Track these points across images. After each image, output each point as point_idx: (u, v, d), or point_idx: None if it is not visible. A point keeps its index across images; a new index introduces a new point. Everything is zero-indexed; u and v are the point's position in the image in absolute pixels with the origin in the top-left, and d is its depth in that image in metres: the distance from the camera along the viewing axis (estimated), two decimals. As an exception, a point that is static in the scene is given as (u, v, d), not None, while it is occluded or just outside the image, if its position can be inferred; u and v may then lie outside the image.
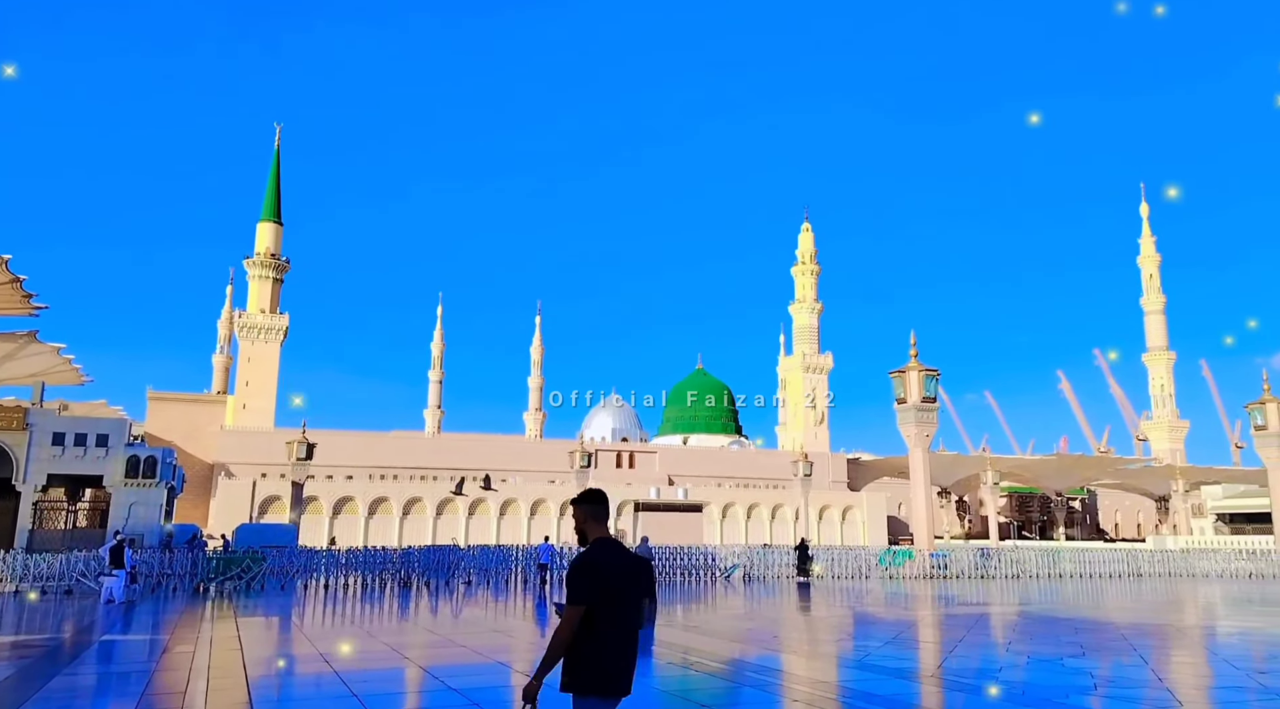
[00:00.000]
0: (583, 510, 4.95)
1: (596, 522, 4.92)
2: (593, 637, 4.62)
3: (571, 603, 4.63)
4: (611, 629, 4.65)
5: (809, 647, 16.80)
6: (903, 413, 42.31)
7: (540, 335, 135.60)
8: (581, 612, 4.59)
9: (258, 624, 20.13)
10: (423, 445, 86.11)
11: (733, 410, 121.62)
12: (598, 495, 5.00)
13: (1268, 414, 47.12)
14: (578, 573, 4.68)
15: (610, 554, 4.78)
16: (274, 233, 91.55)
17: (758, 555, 37.00)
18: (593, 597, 4.62)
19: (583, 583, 4.64)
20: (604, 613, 4.63)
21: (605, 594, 4.64)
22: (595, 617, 4.62)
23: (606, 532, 4.94)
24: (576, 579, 4.67)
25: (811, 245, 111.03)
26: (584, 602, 4.61)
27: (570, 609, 4.61)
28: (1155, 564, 41.06)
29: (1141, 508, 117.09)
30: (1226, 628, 20.65)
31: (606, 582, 4.66)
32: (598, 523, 4.92)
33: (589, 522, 4.92)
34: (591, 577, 4.65)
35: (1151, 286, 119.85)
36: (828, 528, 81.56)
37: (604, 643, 4.63)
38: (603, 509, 4.97)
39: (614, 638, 4.66)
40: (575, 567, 4.73)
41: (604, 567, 4.70)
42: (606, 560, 4.73)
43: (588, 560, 4.72)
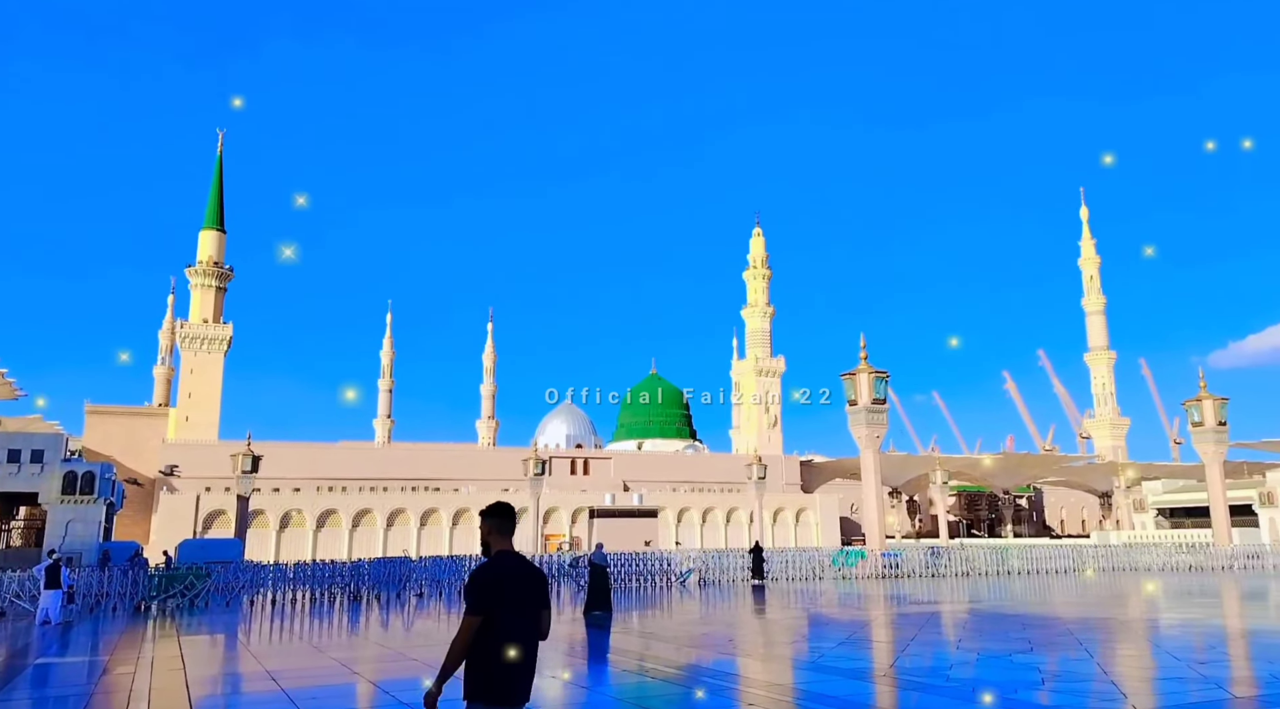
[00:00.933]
0: (488, 523, 5.08)
1: (501, 535, 5.06)
2: (491, 647, 4.72)
3: (469, 613, 4.74)
4: (509, 639, 4.74)
5: (764, 650, 16.83)
6: (853, 414, 42.75)
7: (492, 342, 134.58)
8: (478, 621, 4.70)
9: (202, 643, 19.58)
10: (372, 456, 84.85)
11: (687, 415, 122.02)
12: (504, 509, 5.13)
13: (1204, 411, 48.53)
14: (475, 583, 4.81)
15: (509, 566, 4.91)
16: (217, 241, 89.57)
17: (713, 560, 37.05)
18: (489, 607, 4.73)
19: (480, 593, 4.76)
20: (501, 623, 4.73)
21: (502, 605, 4.76)
22: (493, 627, 4.72)
23: (510, 544, 5.07)
24: (474, 590, 4.79)
25: (763, 250, 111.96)
26: (481, 612, 4.72)
27: (467, 619, 4.72)
28: (1099, 559, 42.00)
29: (1086, 504, 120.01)
30: (1168, 620, 21.18)
31: (503, 592, 4.78)
32: (502, 536, 5.05)
33: (493, 534, 5.06)
34: (488, 587, 4.78)
35: (1092, 288, 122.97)
36: (782, 530, 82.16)
37: (502, 653, 4.73)
38: (508, 522, 5.09)
39: (512, 648, 4.76)
40: (473, 577, 4.85)
41: (502, 578, 4.83)
42: (505, 572, 4.87)
43: (486, 571, 4.86)
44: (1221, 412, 48.53)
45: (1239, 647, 15.92)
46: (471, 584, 4.83)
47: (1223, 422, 48.44)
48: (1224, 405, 48.72)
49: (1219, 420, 48.30)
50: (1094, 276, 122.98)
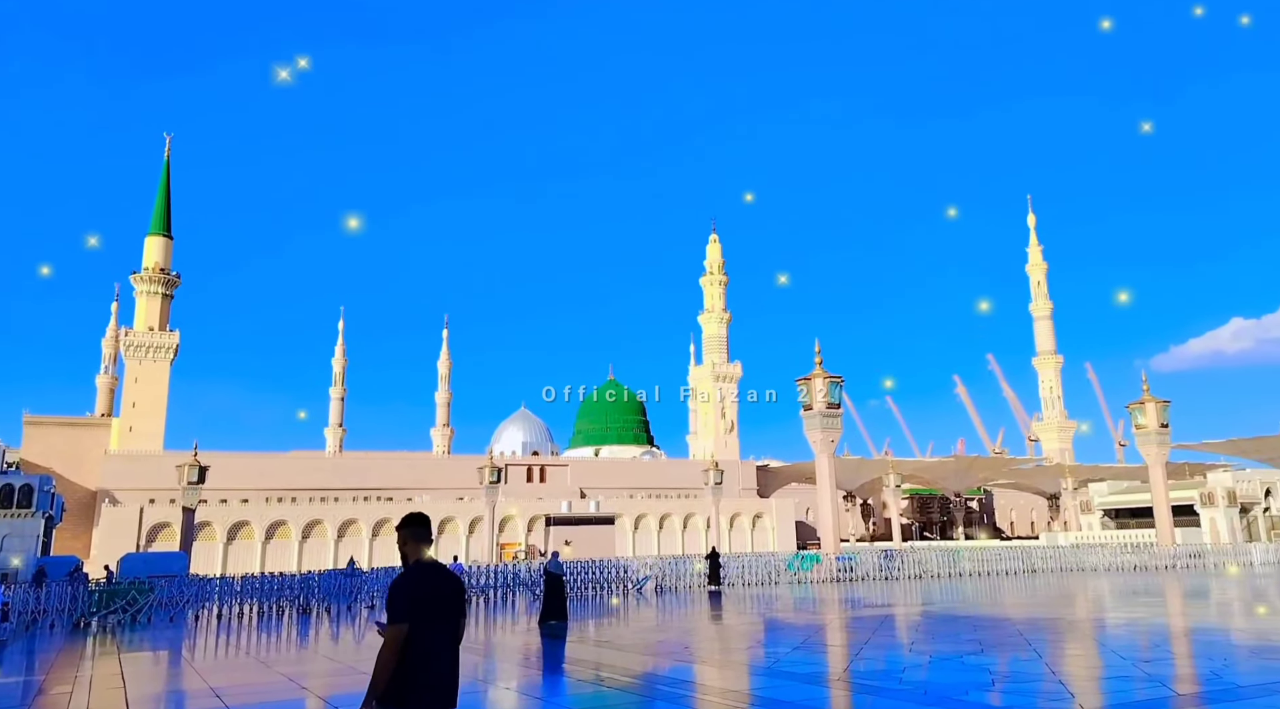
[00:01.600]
0: (404, 534, 5.16)
1: (418, 543, 5.15)
2: (412, 655, 4.78)
3: (393, 623, 4.79)
4: (431, 647, 4.83)
5: (720, 656, 16.80)
6: (809, 419, 43.06)
7: (448, 349, 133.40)
8: (404, 631, 4.76)
9: (144, 660, 18.98)
10: (323, 465, 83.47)
11: (644, 421, 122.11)
12: (419, 519, 5.22)
13: (1147, 414, 49.76)
14: (397, 593, 4.87)
15: (429, 575, 5.01)
16: (164, 247, 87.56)
17: (669, 566, 37.00)
18: (412, 616, 4.79)
19: (402, 603, 4.83)
20: (423, 631, 4.81)
21: (424, 613, 4.83)
22: (415, 635, 4.79)
23: (428, 553, 5.19)
24: (396, 599, 4.85)
25: (719, 256, 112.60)
26: (406, 620, 4.78)
27: (392, 629, 4.77)
28: (1048, 560, 42.77)
29: (1035, 506, 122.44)
30: (1114, 620, 21.59)
31: (425, 601, 4.87)
32: (419, 545, 5.14)
33: (410, 544, 5.14)
34: (410, 596, 4.85)
35: (1039, 293, 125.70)
36: (738, 535, 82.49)
37: (425, 661, 4.80)
38: (424, 531, 5.17)
39: (434, 655, 4.85)
40: (394, 587, 4.92)
41: (422, 587, 4.92)
42: (425, 581, 4.96)
43: (406, 582, 4.93)
44: (1164, 414, 49.78)
45: (1182, 645, 16.27)
46: (394, 593, 4.88)
47: (1165, 424, 49.70)
48: (1166, 408, 49.99)
49: (1161, 423, 49.54)
50: (1041, 282, 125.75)
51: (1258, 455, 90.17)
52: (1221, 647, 15.79)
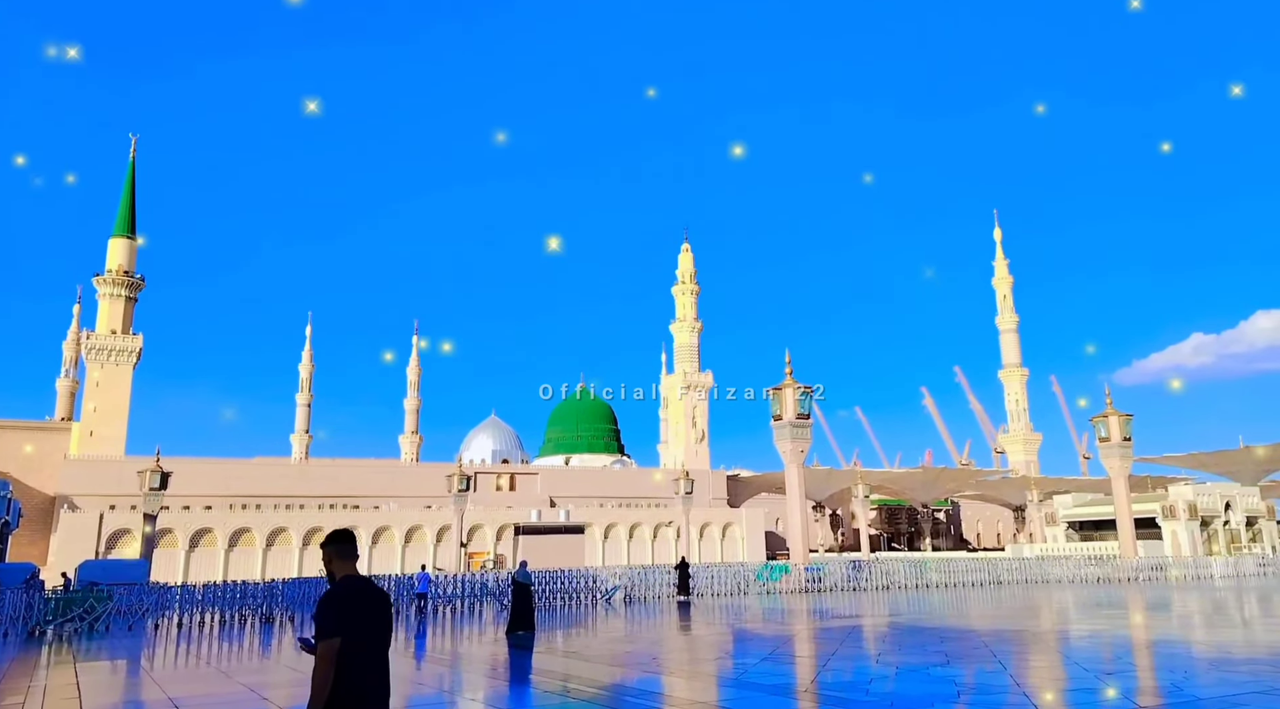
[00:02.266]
0: (328, 551, 5.25)
1: (343, 559, 5.22)
2: (345, 669, 4.85)
3: (323, 638, 4.85)
4: (362, 660, 4.91)
5: (688, 667, 16.74)
6: (779, 429, 43.21)
7: (417, 356, 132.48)
8: (337, 645, 4.82)
9: (101, 669, 18.57)
10: (289, 472, 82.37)
11: (615, 429, 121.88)
12: (343, 535, 5.30)
13: (1110, 427, 50.47)
14: (326, 608, 4.93)
15: (355, 589, 5.09)
16: (128, 248, 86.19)
17: (638, 576, 36.88)
18: (342, 630, 4.86)
19: (332, 617, 4.89)
20: (354, 645, 4.88)
21: (353, 627, 4.91)
22: (345, 649, 4.86)
23: (354, 569, 5.26)
24: (326, 614, 4.91)
25: (691, 265, 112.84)
26: (337, 634, 4.85)
27: (324, 644, 4.83)
28: (1014, 572, 43.18)
29: (1001, 518, 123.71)
30: (1078, 631, 21.82)
31: (353, 615, 4.95)
32: (344, 561, 5.22)
33: (335, 560, 5.21)
34: (340, 612, 4.92)
35: (1005, 306, 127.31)
36: (708, 545, 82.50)
37: (358, 674, 4.88)
38: (349, 547, 5.26)
39: (365, 668, 4.92)
40: (323, 603, 4.98)
41: (350, 601, 5.00)
42: (352, 595, 5.04)
43: (335, 596, 5.00)
44: (1127, 427, 50.51)
45: (1144, 657, 16.47)
46: (323, 609, 4.94)
47: (1128, 437, 50.42)
48: (1129, 421, 50.72)
49: (1124, 436, 50.26)
50: (1007, 296, 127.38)
51: (1217, 469, 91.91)
52: (1182, 659, 16.00)
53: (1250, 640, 19.30)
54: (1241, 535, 67.44)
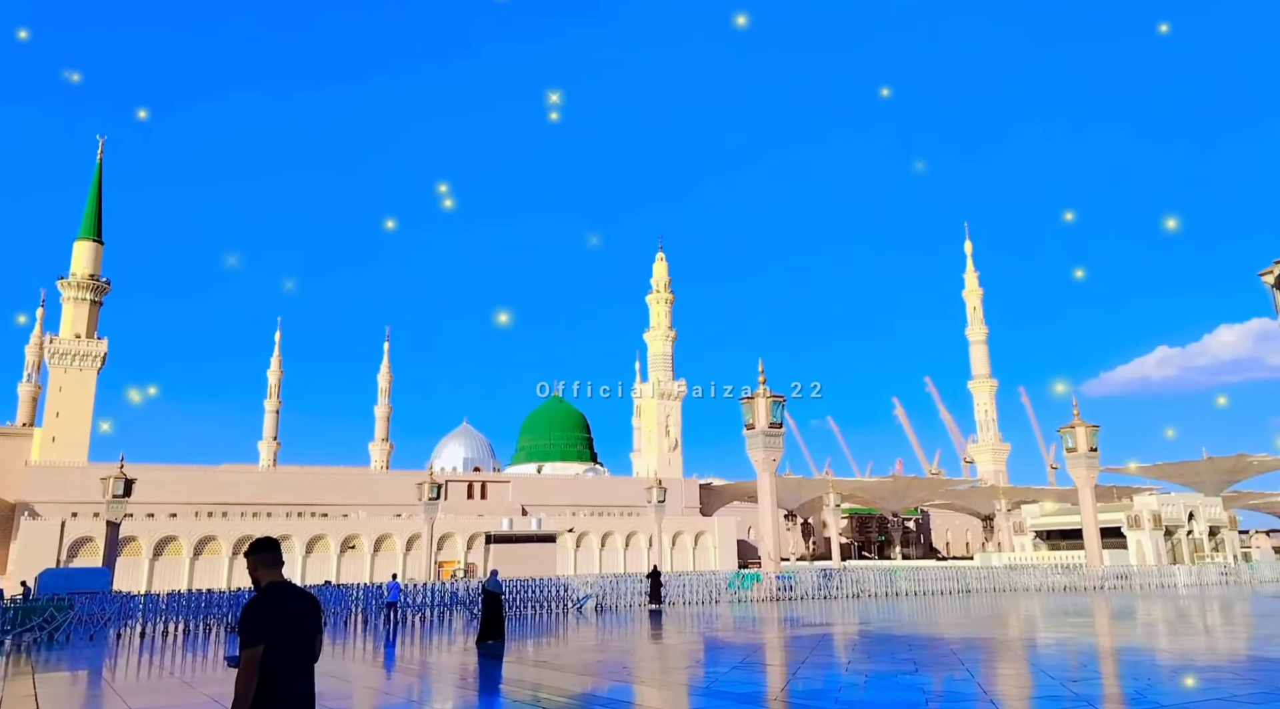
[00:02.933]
0: (254, 559, 5.25)
1: (269, 568, 5.23)
2: (270, 677, 4.84)
3: (247, 647, 4.83)
4: (287, 668, 4.91)
5: (660, 676, 16.70)
6: (751, 438, 43.29)
7: (388, 362, 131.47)
8: (260, 654, 4.82)
9: (60, 680, 18.18)
10: (256, 479, 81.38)
11: (588, 438, 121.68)
12: (268, 544, 5.32)
13: (1077, 437, 51.13)
14: (250, 616, 4.92)
15: (280, 597, 5.10)
16: (93, 252, 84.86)
17: (610, 585, 36.79)
18: (266, 639, 4.85)
19: (256, 626, 4.88)
20: (279, 653, 4.89)
21: (278, 635, 4.90)
22: (270, 657, 4.85)
23: (279, 576, 5.26)
24: (249, 623, 4.90)
25: (666, 274, 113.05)
26: (260, 643, 4.84)
27: (248, 653, 4.82)
28: (982, 580, 43.56)
29: (970, 527, 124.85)
30: (1044, 639, 22.05)
31: (278, 623, 4.94)
32: (269, 569, 5.23)
33: (261, 569, 5.22)
34: (264, 620, 4.92)
35: (975, 319, 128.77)
36: (680, 554, 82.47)
37: (282, 682, 4.87)
38: (274, 556, 5.27)
39: (290, 676, 4.92)
40: (247, 611, 4.97)
41: (275, 609, 5.00)
42: (277, 603, 5.04)
43: (258, 604, 4.99)
44: (1093, 438, 51.20)
45: (1109, 665, 16.67)
46: (246, 617, 4.92)
47: (1094, 448, 51.10)
48: (1095, 432, 51.42)
49: (1091, 446, 50.94)
50: (977, 308, 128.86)
51: (1181, 479, 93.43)
52: (1146, 667, 16.21)
53: (1212, 648, 19.60)
54: (1204, 545, 68.55)
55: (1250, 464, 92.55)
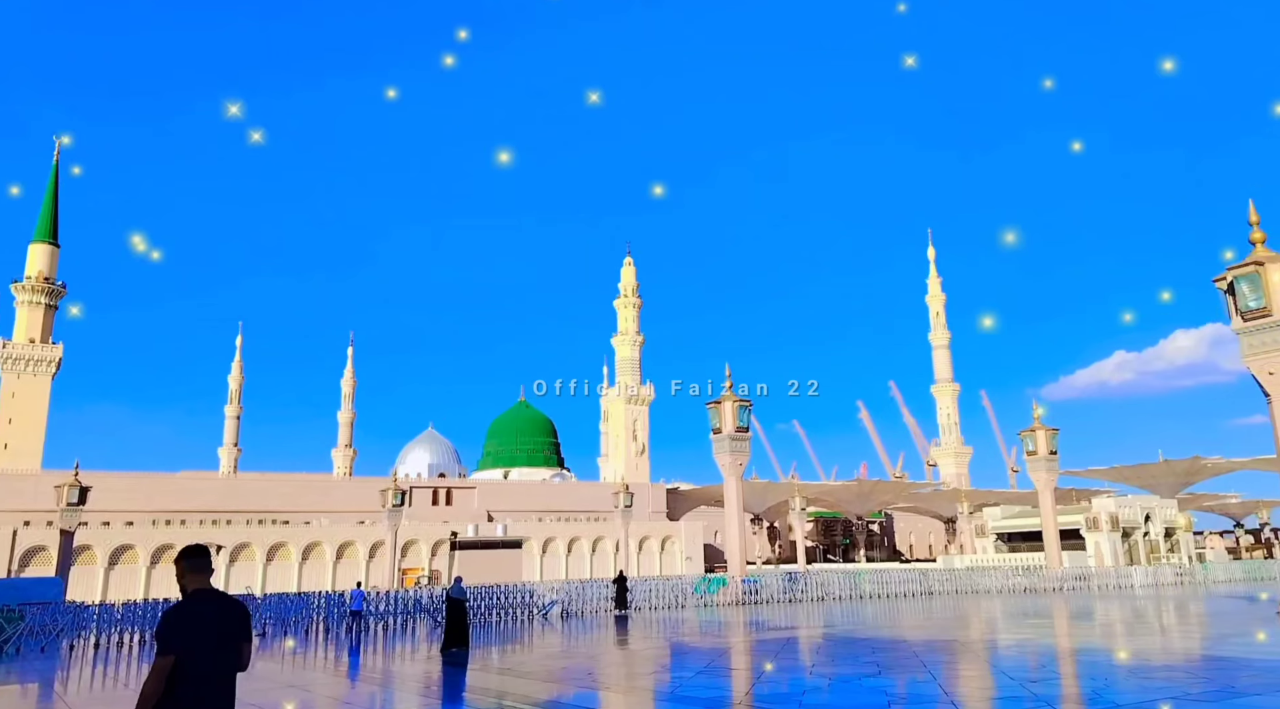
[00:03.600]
0: (182, 565, 5.22)
1: (196, 574, 5.19)
2: (182, 688, 4.78)
3: (159, 654, 4.80)
4: (203, 678, 4.85)
5: (625, 682, 16.66)
6: (718, 443, 43.39)
7: (352, 368, 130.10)
8: (171, 662, 4.77)
9: (10, 694, 17.71)
10: (216, 486, 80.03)
11: (555, 443, 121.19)
12: (196, 550, 5.27)
13: (1037, 440, 51.90)
14: (165, 624, 4.88)
15: (202, 604, 5.05)
16: (48, 255, 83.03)
17: (576, 590, 36.66)
18: (181, 647, 4.81)
19: (170, 634, 4.84)
20: (193, 663, 4.82)
21: (194, 644, 4.86)
22: (185, 666, 4.80)
23: (206, 583, 5.21)
24: (163, 630, 4.86)
25: (633, 279, 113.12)
26: (172, 652, 4.79)
27: (158, 661, 4.78)
28: (945, 582, 44.03)
29: (933, 529, 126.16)
30: (1005, 641, 22.33)
31: (195, 632, 4.89)
32: (197, 575, 5.19)
33: (188, 575, 5.19)
34: (179, 627, 4.87)
35: (938, 323, 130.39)
36: (647, 559, 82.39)
37: (196, 692, 4.82)
38: (202, 561, 5.23)
39: (206, 687, 4.87)
40: (164, 618, 4.93)
41: (193, 617, 4.96)
42: (197, 611, 5.00)
43: (175, 613, 4.96)
44: (1053, 441, 52.00)
45: (1068, 665, 16.91)
46: (162, 625, 4.88)
47: (1054, 451, 51.91)
48: (1055, 436, 52.24)
49: (1050, 450, 51.73)
50: (940, 313, 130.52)
51: (1138, 482, 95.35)
52: (1104, 667, 16.47)
53: (1167, 648, 19.98)
54: (1160, 546, 69.96)
55: (1205, 467, 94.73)
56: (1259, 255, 24.21)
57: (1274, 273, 23.55)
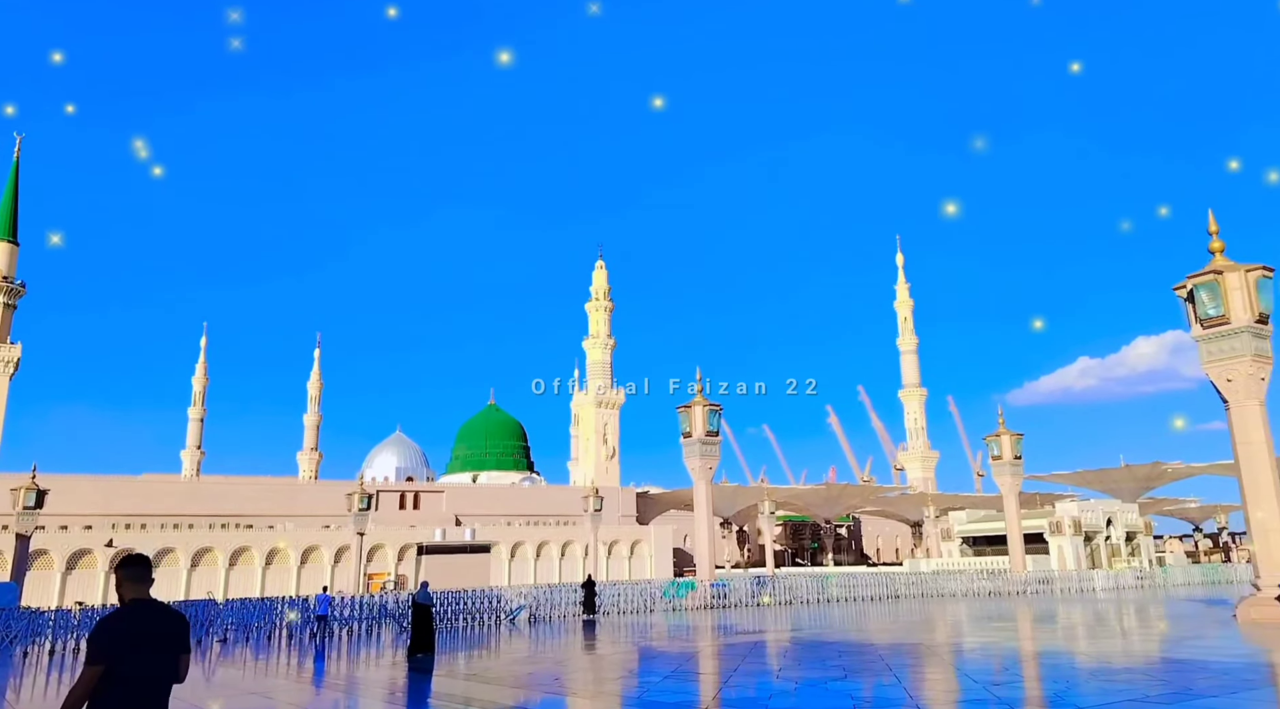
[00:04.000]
0: (120, 574, 5.19)
1: (135, 583, 5.15)
2: (113, 697, 4.74)
3: (88, 663, 4.76)
4: (133, 688, 4.80)
5: (592, 687, 16.58)
6: (688, 447, 43.38)
7: (319, 369, 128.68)
8: (99, 671, 4.72)
9: (-42, 704, 17.23)
10: (178, 490, 78.77)
11: (525, 446, 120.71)
12: (135, 560, 5.25)
13: (1002, 445, 52.47)
14: (97, 633, 4.85)
15: (137, 615, 5.02)
16: (8, 253, 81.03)
17: (544, 595, 36.47)
18: (110, 657, 4.75)
19: (101, 643, 4.79)
20: (126, 672, 4.78)
21: (125, 653, 4.81)
22: (115, 676, 4.75)
23: (145, 593, 5.18)
24: (95, 640, 4.82)
25: (605, 282, 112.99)
26: (101, 662, 4.74)
27: (87, 669, 4.74)
28: (911, 586, 44.35)
29: (900, 533, 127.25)
30: (970, 644, 22.52)
31: (128, 641, 4.84)
32: (135, 585, 5.15)
33: (126, 584, 5.14)
34: (110, 637, 4.82)
35: (906, 329, 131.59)
36: (617, 563, 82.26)
37: (125, 701, 4.77)
38: (141, 571, 5.19)
39: (137, 697, 4.82)
40: (95, 629, 4.89)
41: (127, 627, 4.91)
42: (130, 621, 4.95)
43: (108, 623, 4.91)
44: (1017, 446, 52.60)
45: (1031, 668, 17.09)
46: (95, 633, 4.86)
47: (1018, 456, 52.51)
48: (1019, 440, 52.84)
49: (1015, 454, 52.33)
50: (908, 318, 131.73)
51: (1100, 486, 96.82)
52: (1066, 669, 16.66)
53: (1128, 650, 20.27)
54: (1122, 549, 71.05)
55: (1165, 472, 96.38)
56: (1218, 264, 24.69)
57: (1232, 281, 24.02)
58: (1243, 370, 23.63)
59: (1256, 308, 23.79)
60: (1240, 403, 23.71)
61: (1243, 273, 23.99)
